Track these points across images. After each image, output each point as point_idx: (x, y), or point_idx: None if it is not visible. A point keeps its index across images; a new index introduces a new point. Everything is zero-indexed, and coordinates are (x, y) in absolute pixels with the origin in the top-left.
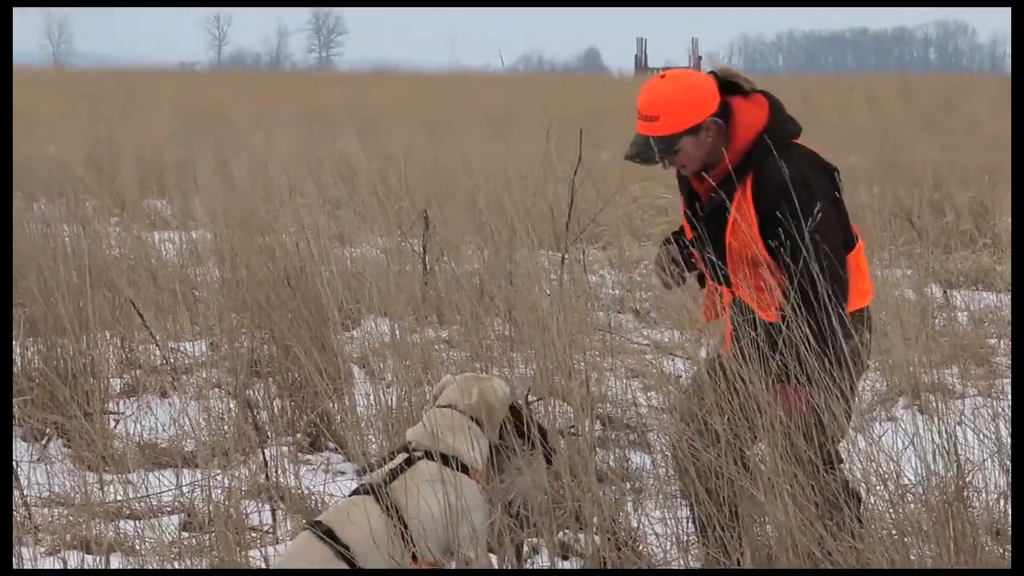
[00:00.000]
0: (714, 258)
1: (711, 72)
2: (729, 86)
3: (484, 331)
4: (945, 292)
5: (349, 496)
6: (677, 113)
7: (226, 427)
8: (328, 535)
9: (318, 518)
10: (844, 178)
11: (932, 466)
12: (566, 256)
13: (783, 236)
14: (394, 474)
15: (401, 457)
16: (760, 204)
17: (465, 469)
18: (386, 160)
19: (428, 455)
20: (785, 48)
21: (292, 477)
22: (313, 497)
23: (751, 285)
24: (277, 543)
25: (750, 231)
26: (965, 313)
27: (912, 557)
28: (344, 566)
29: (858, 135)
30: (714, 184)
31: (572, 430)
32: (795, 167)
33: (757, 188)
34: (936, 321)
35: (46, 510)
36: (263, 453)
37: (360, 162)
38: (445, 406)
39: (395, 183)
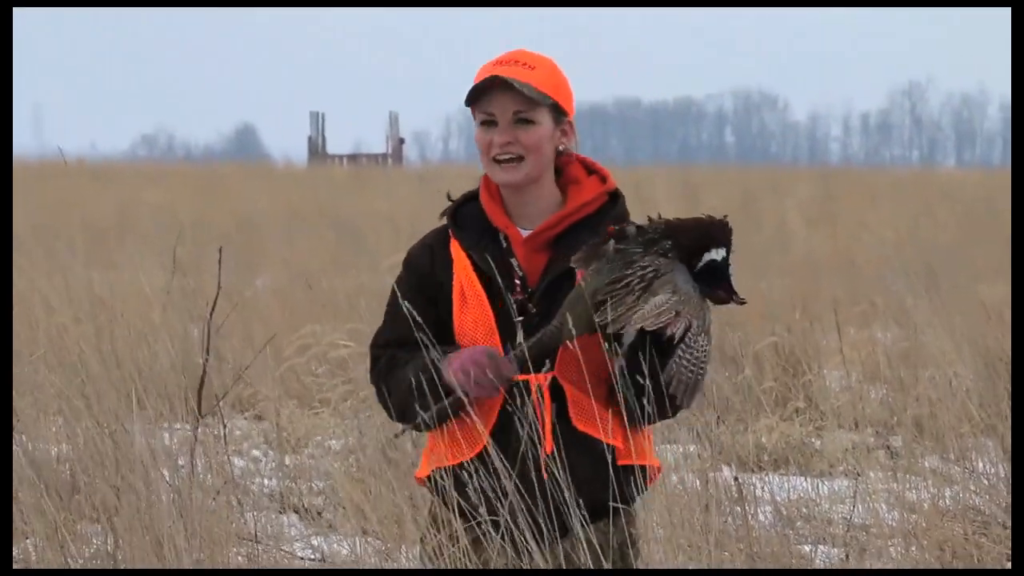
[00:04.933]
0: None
1: None
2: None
3: (77, 544)
4: (736, 479)
5: None
6: (555, 79)
7: None
8: None
9: None
10: None
11: None
12: (199, 430)
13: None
14: None
15: None
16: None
17: None
18: None
19: None
20: None
21: None
22: None
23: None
24: None
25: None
26: (768, 508)
27: None
28: None
29: None
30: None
31: None
32: None
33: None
34: (726, 520)
35: None
36: None
37: None
38: None
39: None
